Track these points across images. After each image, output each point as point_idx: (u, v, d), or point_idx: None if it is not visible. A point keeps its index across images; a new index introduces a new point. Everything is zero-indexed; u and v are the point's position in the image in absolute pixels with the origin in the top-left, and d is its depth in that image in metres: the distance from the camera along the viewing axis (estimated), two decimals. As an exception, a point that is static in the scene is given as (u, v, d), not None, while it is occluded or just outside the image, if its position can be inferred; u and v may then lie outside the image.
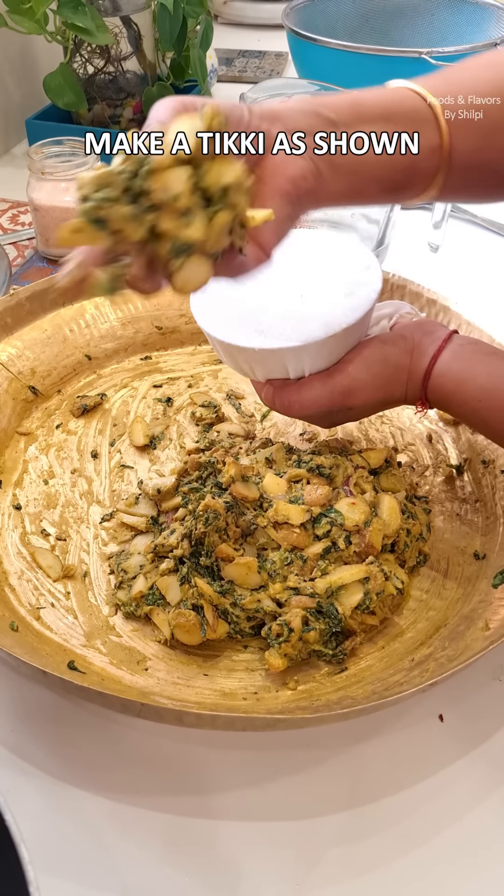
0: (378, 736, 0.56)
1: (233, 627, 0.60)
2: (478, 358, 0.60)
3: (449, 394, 0.60)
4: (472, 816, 0.53)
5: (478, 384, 0.59)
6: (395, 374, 0.61)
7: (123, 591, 0.63)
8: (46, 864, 0.49)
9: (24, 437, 0.76)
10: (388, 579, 0.61)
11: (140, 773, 0.54)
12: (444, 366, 0.60)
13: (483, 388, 0.58)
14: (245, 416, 0.79)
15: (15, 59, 1.26)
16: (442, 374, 0.60)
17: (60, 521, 0.69)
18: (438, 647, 0.58)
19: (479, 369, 0.59)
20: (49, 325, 0.82)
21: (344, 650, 0.59)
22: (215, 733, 0.56)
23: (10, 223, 1.08)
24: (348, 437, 0.77)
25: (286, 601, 0.59)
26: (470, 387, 0.59)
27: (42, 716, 0.57)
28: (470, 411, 0.60)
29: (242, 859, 0.51)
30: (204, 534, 0.61)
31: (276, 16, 1.51)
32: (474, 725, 0.57)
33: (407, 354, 0.61)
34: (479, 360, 0.60)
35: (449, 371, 0.60)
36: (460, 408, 0.61)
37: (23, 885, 0.34)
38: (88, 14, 1.06)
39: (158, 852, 0.51)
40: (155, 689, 0.57)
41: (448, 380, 0.60)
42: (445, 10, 1.31)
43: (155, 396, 0.81)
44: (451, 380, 0.60)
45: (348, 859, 0.51)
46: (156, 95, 1.20)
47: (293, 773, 0.55)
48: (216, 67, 1.38)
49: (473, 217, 1.10)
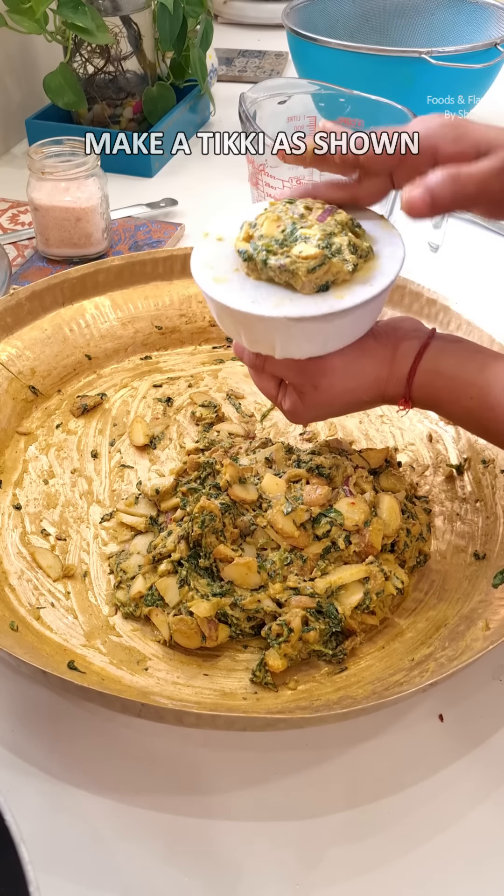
0: (378, 736, 0.56)
1: (233, 629, 0.60)
2: (466, 356, 0.58)
3: (438, 390, 0.58)
4: (472, 816, 0.53)
5: (468, 381, 0.56)
6: (373, 364, 0.58)
7: (122, 591, 0.63)
8: (46, 864, 0.49)
9: (24, 436, 0.76)
10: (388, 579, 0.61)
11: (140, 773, 0.54)
12: (430, 363, 0.57)
13: (474, 384, 0.56)
14: (245, 416, 0.79)
15: (15, 59, 1.26)
16: (429, 370, 0.57)
17: (60, 521, 0.69)
18: (438, 647, 0.58)
19: (468, 366, 0.57)
20: (49, 325, 0.82)
21: (344, 650, 0.59)
22: (215, 733, 0.56)
23: (10, 223, 1.08)
24: (348, 438, 0.77)
25: (286, 601, 0.59)
26: (460, 384, 0.57)
27: (42, 716, 0.57)
28: (462, 410, 0.58)
29: (242, 859, 0.51)
30: (201, 535, 0.61)
31: (276, 16, 1.51)
32: (474, 725, 0.57)
33: (389, 348, 0.58)
34: (468, 358, 0.57)
35: (436, 368, 0.57)
36: (451, 406, 0.58)
37: (23, 885, 0.34)
38: (88, 14, 1.06)
39: (158, 852, 0.51)
40: (155, 689, 0.57)
41: (437, 377, 0.57)
42: (445, 10, 1.31)
43: (155, 396, 0.81)
44: (440, 376, 0.57)
45: (348, 859, 0.51)
46: (156, 95, 1.20)
47: (293, 773, 0.55)
48: (216, 67, 1.38)
49: (473, 217, 1.09)
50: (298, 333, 0.55)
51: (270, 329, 0.55)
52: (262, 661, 0.58)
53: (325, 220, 0.56)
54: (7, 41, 1.22)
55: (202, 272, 0.57)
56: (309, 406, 0.60)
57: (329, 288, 0.54)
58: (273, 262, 0.54)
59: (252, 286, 0.56)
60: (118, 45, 1.15)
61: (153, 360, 0.85)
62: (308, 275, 0.54)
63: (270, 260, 0.54)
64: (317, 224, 0.55)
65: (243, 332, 0.57)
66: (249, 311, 0.54)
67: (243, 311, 0.54)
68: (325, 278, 0.54)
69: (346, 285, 0.55)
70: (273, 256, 0.54)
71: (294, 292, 0.55)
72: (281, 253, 0.54)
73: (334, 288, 0.55)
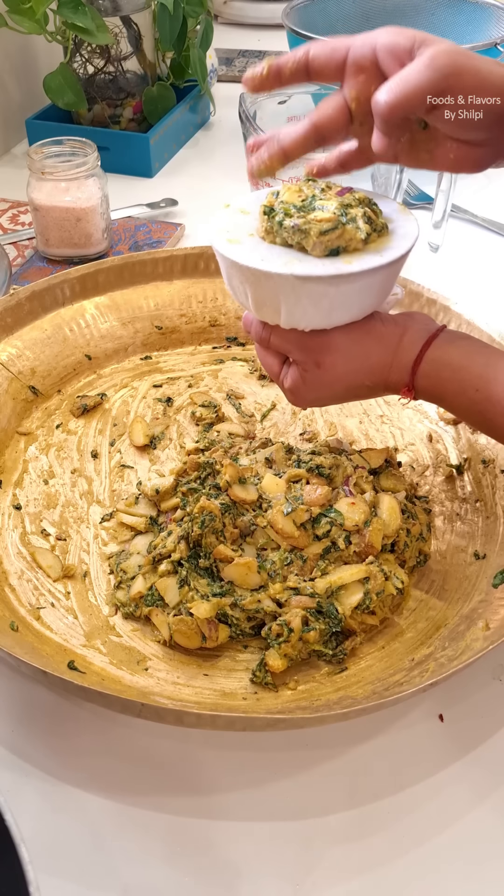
0: (378, 736, 0.56)
1: (233, 629, 0.60)
2: (474, 348, 0.58)
3: (444, 381, 0.57)
4: (472, 816, 0.53)
5: (475, 373, 0.56)
6: (377, 348, 0.58)
7: (122, 591, 0.63)
8: (46, 864, 0.49)
9: (24, 437, 0.76)
10: (388, 579, 0.61)
11: (140, 773, 0.54)
12: (438, 352, 0.57)
13: (481, 377, 0.56)
14: (245, 416, 0.79)
15: (15, 59, 1.26)
16: (435, 360, 0.57)
17: (60, 521, 0.69)
18: (438, 647, 0.58)
19: (476, 359, 0.57)
20: (49, 325, 0.82)
21: (344, 650, 0.59)
22: (215, 733, 0.56)
23: (10, 223, 1.08)
24: (348, 437, 0.77)
25: (286, 601, 0.59)
26: (466, 375, 0.57)
27: (42, 716, 0.57)
28: (466, 402, 0.57)
29: (242, 859, 0.51)
30: (201, 535, 0.61)
31: (276, 16, 1.51)
32: (474, 725, 0.57)
33: (395, 335, 0.58)
34: (476, 350, 0.57)
35: (443, 358, 0.57)
36: (455, 398, 0.58)
37: (23, 885, 0.34)
38: (88, 14, 1.06)
39: (158, 852, 0.51)
40: (155, 689, 0.57)
41: (443, 366, 0.57)
42: (445, 10, 1.31)
43: (155, 396, 0.81)
44: (447, 366, 0.57)
45: (348, 859, 0.51)
46: (156, 95, 1.20)
47: (293, 773, 0.55)
48: (216, 67, 1.38)
49: (473, 217, 1.10)
50: (304, 295, 0.55)
51: (277, 288, 0.55)
52: (262, 661, 0.58)
53: (344, 195, 0.57)
54: (7, 41, 1.22)
55: (218, 234, 0.58)
56: (310, 385, 0.60)
57: (339, 254, 0.55)
58: (288, 223, 0.55)
59: (265, 248, 0.57)
60: (118, 46, 1.15)
61: (153, 360, 0.85)
62: (320, 236, 0.54)
63: (286, 221, 0.56)
64: (335, 197, 0.57)
65: (250, 293, 0.57)
66: (258, 266, 0.55)
67: (251, 268, 0.55)
68: (336, 243, 0.55)
69: (356, 254, 0.55)
70: (289, 218, 0.56)
71: (305, 255, 0.56)
72: (297, 216, 0.56)
73: (345, 255, 0.55)
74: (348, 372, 0.59)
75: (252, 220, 0.59)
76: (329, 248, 0.55)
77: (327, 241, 0.54)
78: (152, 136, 1.17)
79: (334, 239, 0.54)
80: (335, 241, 0.55)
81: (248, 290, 0.57)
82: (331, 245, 0.55)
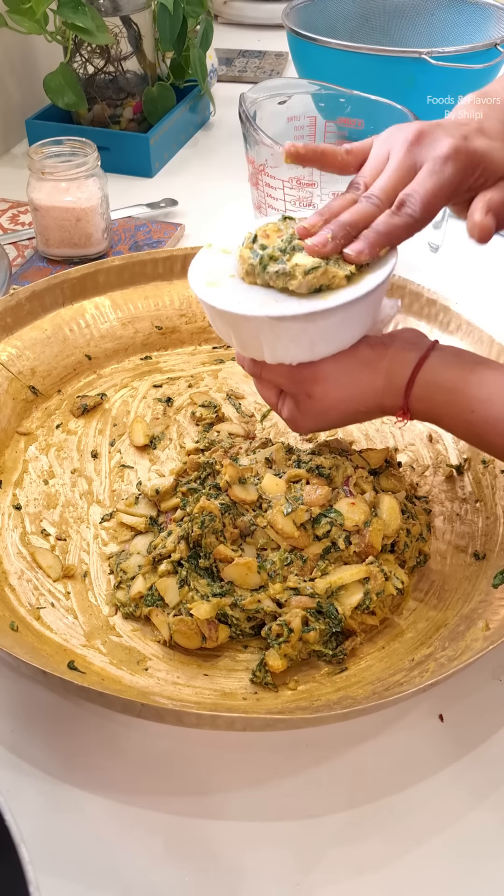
0: (378, 736, 0.56)
1: (233, 629, 0.60)
2: (466, 367, 0.57)
3: (438, 405, 0.58)
4: (472, 816, 0.53)
5: (470, 394, 0.56)
6: (367, 374, 0.58)
7: (122, 591, 0.63)
8: (46, 864, 0.49)
9: (24, 437, 0.76)
10: (388, 579, 0.61)
11: (140, 773, 0.54)
12: (429, 375, 0.57)
13: (476, 398, 0.56)
14: (245, 416, 0.79)
15: (15, 59, 1.26)
16: (428, 383, 0.57)
17: (60, 521, 0.69)
18: (438, 647, 0.58)
19: (470, 379, 0.56)
20: (49, 325, 0.82)
21: (344, 650, 0.59)
22: (215, 733, 0.56)
23: (10, 223, 1.08)
24: (348, 437, 0.77)
25: (286, 601, 0.59)
26: (461, 397, 0.56)
27: (42, 716, 0.57)
28: (463, 423, 0.58)
29: (242, 859, 0.51)
30: (201, 535, 0.61)
31: (276, 16, 1.51)
32: (474, 725, 0.57)
33: (383, 359, 0.58)
34: (468, 369, 0.57)
35: (436, 381, 0.57)
36: (451, 419, 0.58)
37: (23, 885, 0.34)
38: (88, 14, 1.06)
39: (158, 852, 0.51)
40: (155, 689, 0.57)
41: (436, 389, 0.57)
42: (445, 10, 1.31)
43: (155, 396, 0.81)
44: (440, 389, 0.57)
45: (348, 859, 0.51)
46: (156, 95, 1.20)
47: (293, 773, 0.55)
48: (216, 67, 1.38)
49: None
50: (282, 333, 0.56)
51: (255, 329, 0.56)
52: (262, 661, 0.58)
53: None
54: (7, 41, 1.22)
55: (198, 278, 0.60)
56: (306, 415, 0.61)
57: (322, 291, 0.56)
58: (271, 269, 0.56)
59: (244, 290, 0.58)
60: (118, 46, 1.15)
61: (153, 361, 0.85)
62: (305, 276, 0.55)
63: (270, 266, 0.56)
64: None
65: (233, 335, 0.59)
66: (234, 310, 0.56)
67: (228, 311, 0.56)
68: (320, 281, 0.56)
69: (337, 290, 0.56)
70: (273, 262, 0.56)
71: (281, 294, 0.56)
72: (281, 259, 0.56)
73: (327, 291, 0.56)
74: (340, 400, 0.59)
75: (233, 261, 0.60)
76: (313, 286, 0.56)
77: (312, 279, 0.55)
78: (152, 136, 1.17)
79: (318, 277, 0.55)
80: (319, 280, 0.56)
81: (230, 331, 0.59)
82: (315, 284, 0.56)
